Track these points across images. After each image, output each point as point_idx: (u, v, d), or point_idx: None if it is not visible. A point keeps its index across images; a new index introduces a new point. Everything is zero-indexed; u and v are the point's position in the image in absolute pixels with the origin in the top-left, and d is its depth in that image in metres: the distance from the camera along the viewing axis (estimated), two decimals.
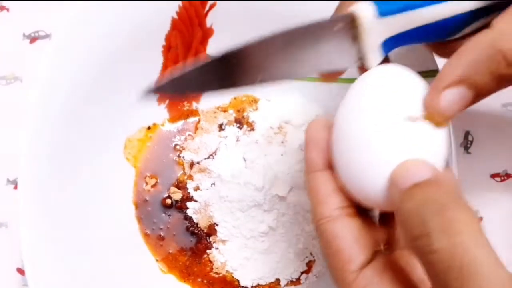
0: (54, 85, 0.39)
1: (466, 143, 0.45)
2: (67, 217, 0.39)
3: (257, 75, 0.27)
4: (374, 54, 0.29)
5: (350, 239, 0.26)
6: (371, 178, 0.26)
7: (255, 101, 0.44)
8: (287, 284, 0.42)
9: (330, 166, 0.28)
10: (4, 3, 0.47)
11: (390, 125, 0.26)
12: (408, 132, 0.26)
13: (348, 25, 0.28)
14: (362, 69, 0.29)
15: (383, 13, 0.28)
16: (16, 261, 0.44)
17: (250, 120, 0.44)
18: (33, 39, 0.47)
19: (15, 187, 0.44)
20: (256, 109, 0.44)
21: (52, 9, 0.47)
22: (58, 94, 0.39)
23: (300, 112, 0.43)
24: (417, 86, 0.28)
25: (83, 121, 0.40)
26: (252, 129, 0.43)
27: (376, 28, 0.28)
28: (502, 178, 0.44)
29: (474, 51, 0.25)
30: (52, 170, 0.39)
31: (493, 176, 0.44)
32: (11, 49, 0.47)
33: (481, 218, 0.44)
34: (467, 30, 0.29)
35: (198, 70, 0.27)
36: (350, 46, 0.28)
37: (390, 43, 0.29)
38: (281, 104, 0.43)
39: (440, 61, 0.32)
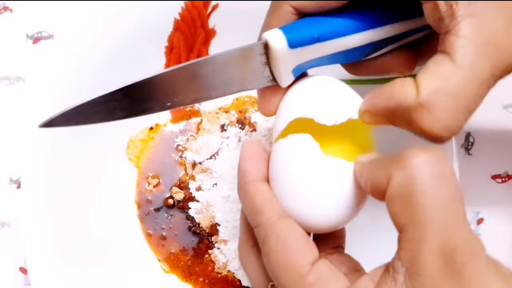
0: (57, 85, 0.40)
1: (467, 144, 0.45)
2: (69, 217, 0.40)
3: (166, 101, 0.29)
4: (286, 76, 0.30)
5: (302, 235, 0.28)
6: (299, 202, 0.28)
7: (257, 102, 0.44)
8: None
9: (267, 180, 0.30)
10: (7, 3, 0.47)
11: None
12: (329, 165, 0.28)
13: (261, 51, 0.29)
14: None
15: (293, 45, 0.28)
16: (18, 260, 0.44)
17: (252, 121, 0.44)
18: (36, 39, 0.47)
19: (18, 187, 0.45)
20: (258, 110, 0.44)
21: (55, 10, 0.47)
22: (60, 94, 0.39)
23: None
24: (344, 95, 0.29)
25: None
26: (254, 130, 0.44)
27: (287, 57, 0.29)
28: (503, 179, 0.45)
29: (395, 103, 0.26)
30: (55, 170, 0.39)
31: (494, 177, 0.45)
32: (14, 49, 0.47)
33: (482, 219, 0.44)
34: (382, 51, 0.31)
35: (102, 100, 0.28)
36: (263, 69, 0.30)
37: (301, 67, 0.30)
38: None
39: None
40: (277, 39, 0.28)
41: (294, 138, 0.29)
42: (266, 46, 0.29)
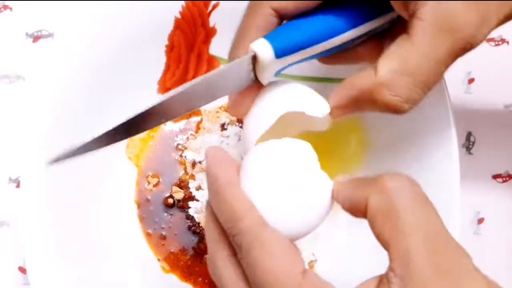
0: (57, 84, 0.39)
1: (468, 144, 0.45)
2: (68, 216, 0.40)
3: (161, 120, 0.29)
4: (269, 78, 0.31)
5: (288, 244, 0.27)
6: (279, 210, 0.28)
7: None
8: None
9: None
10: (7, 2, 0.47)
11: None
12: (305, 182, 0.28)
13: (249, 62, 0.30)
14: None
15: (279, 55, 0.29)
16: (17, 259, 0.44)
17: None
18: (36, 38, 0.47)
19: (17, 186, 0.44)
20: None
21: (55, 9, 0.47)
22: (60, 93, 0.39)
23: None
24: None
25: (85, 120, 0.40)
26: None
27: (273, 65, 0.30)
28: (504, 179, 0.44)
29: (358, 89, 0.29)
30: (54, 169, 0.39)
31: (495, 177, 0.45)
32: (14, 48, 0.47)
33: (482, 219, 0.44)
34: (356, 43, 0.32)
35: (104, 136, 0.29)
36: (248, 73, 0.30)
37: (283, 68, 0.31)
38: None
39: None
40: (264, 51, 0.29)
41: (289, 143, 0.28)
42: (253, 57, 0.30)
